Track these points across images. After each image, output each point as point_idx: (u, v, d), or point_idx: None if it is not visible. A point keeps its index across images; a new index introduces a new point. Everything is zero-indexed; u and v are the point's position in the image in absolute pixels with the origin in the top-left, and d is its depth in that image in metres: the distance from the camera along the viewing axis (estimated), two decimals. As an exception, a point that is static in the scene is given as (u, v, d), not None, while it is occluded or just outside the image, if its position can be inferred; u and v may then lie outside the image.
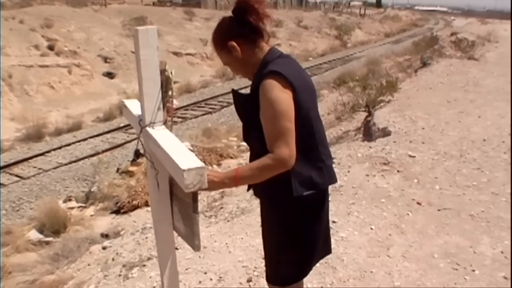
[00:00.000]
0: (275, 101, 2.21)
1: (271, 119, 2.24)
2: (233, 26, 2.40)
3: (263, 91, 2.25)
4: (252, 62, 2.43)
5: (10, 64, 21.99)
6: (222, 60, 2.52)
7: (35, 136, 17.04)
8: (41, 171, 13.55)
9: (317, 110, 2.50)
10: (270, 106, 2.23)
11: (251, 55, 2.42)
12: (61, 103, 21.55)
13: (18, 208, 11.36)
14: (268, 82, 2.25)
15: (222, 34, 2.43)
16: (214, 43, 2.49)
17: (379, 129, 8.44)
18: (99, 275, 5.32)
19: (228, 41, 2.38)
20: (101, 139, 16.43)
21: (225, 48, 2.42)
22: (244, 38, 2.39)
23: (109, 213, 10.23)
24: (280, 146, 2.20)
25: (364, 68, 23.15)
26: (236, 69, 2.54)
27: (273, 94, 2.22)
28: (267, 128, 2.28)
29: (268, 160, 2.22)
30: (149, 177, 2.40)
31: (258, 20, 2.37)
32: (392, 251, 4.45)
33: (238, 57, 2.40)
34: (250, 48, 2.41)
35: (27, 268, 7.62)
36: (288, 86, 2.25)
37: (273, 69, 2.28)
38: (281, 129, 2.21)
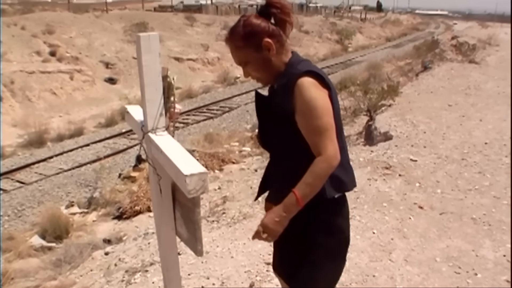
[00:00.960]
0: (316, 97, 2.18)
1: (313, 117, 2.19)
2: (267, 25, 2.34)
3: (302, 89, 2.21)
4: (277, 64, 2.38)
5: (12, 70, 22.06)
6: (241, 58, 2.41)
7: (37, 142, 17.10)
8: (43, 177, 13.57)
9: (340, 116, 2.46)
10: (311, 103, 2.19)
11: (279, 56, 2.37)
12: (63, 109, 21.61)
13: (20, 214, 11.39)
14: (306, 80, 2.21)
15: (255, 30, 2.33)
16: (236, 40, 2.37)
17: (380, 133, 8.45)
18: (101, 280, 5.32)
19: (263, 38, 2.32)
20: (103, 144, 16.47)
21: (254, 45, 2.33)
22: (277, 38, 2.35)
23: (111, 219, 10.23)
24: (327, 145, 2.17)
25: (365, 73, 23.18)
26: (256, 70, 2.43)
27: (314, 91, 2.19)
28: (309, 126, 2.22)
29: (321, 164, 2.17)
30: (151, 183, 2.41)
31: (291, 23, 2.39)
32: (394, 255, 4.45)
33: (268, 56, 2.34)
34: (279, 49, 2.36)
35: (30, 273, 7.63)
36: (324, 85, 2.23)
37: (309, 69, 2.25)
38: (325, 125, 2.18)
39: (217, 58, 32.71)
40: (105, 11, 41.68)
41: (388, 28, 73.05)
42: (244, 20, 2.37)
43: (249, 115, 19.04)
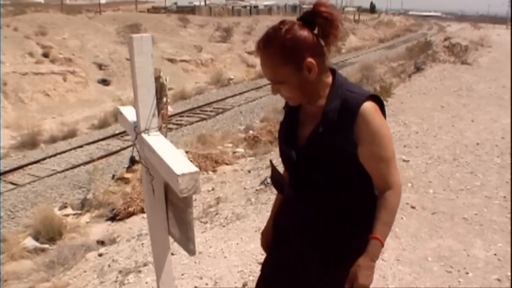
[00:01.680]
0: (383, 125, 1.97)
1: (383, 147, 1.98)
2: (313, 40, 1.97)
3: (369, 117, 1.96)
4: (316, 85, 2.05)
5: (5, 71, 22.05)
6: (276, 76, 2.03)
7: (30, 144, 17.07)
8: (36, 178, 13.56)
9: None
10: (380, 132, 1.96)
11: (320, 77, 2.04)
12: (56, 111, 21.58)
13: (13, 216, 11.38)
14: (372, 105, 1.98)
15: (296, 46, 1.95)
16: (274, 53, 1.98)
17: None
18: (95, 281, 5.32)
19: (306, 57, 1.95)
20: (96, 146, 16.46)
21: (294, 64, 1.96)
22: (321, 57, 2.00)
23: (104, 220, 10.21)
24: (395, 176, 2.01)
25: (358, 74, 23.24)
26: (291, 91, 2.06)
27: (380, 118, 1.98)
28: (377, 158, 1.98)
29: (393, 198, 1.98)
30: (144, 183, 2.42)
31: (337, 38, 2.02)
32: (386, 254, 4.47)
33: (309, 78, 1.99)
34: (322, 69, 2.03)
35: (22, 275, 7.60)
36: (383, 111, 2.04)
37: (369, 93, 2.02)
38: (393, 154, 2.02)
39: (211, 59, 32.74)
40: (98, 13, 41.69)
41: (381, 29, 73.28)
42: (286, 30, 1.97)
43: (243, 116, 19.08)
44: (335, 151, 2.01)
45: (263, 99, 22.30)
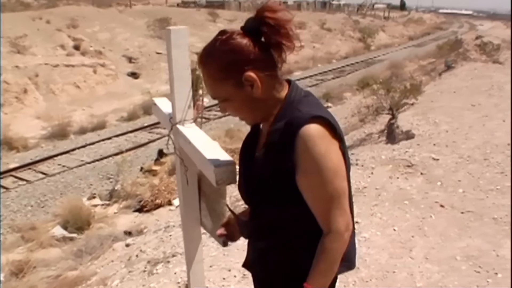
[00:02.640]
0: (327, 154, 1.62)
1: (323, 181, 1.64)
2: (254, 51, 1.69)
3: (308, 143, 1.63)
4: (269, 102, 1.77)
5: (37, 63, 22.31)
6: (217, 93, 1.79)
7: (60, 134, 17.32)
8: (65, 168, 13.77)
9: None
10: (320, 162, 1.62)
11: (270, 94, 1.76)
12: (86, 102, 21.80)
13: (43, 205, 11.55)
14: (314, 129, 1.63)
15: (234, 60, 1.69)
16: (212, 69, 1.74)
17: (402, 132, 8.44)
18: (123, 271, 5.39)
19: (243, 70, 1.68)
20: (125, 138, 16.66)
21: (232, 79, 1.71)
22: (266, 70, 1.71)
23: (132, 211, 10.34)
24: (337, 217, 1.66)
25: (387, 71, 23.09)
26: (237, 110, 1.82)
27: (324, 145, 1.62)
28: (316, 193, 1.68)
29: (332, 243, 1.67)
30: (178, 174, 2.43)
31: (288, 48, 1.71)
32: (414, 252, 4.46)
33: (252, 95, 1.71)
34: (271, 84, 1.74)
35: (51, 263, 7.74)
36: (335, 136, 1.66)
37: (316, 113, 1.65)
38: (336, 191, 1.66)
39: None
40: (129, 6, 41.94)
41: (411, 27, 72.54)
42: (222, 42, 1.72)
43: (270, 112, 19.07)
44: (277, 179, 1.73)
45: (291, 95, 22.21)
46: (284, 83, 1.80)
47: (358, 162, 6.88)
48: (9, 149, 15.93)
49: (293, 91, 1.78)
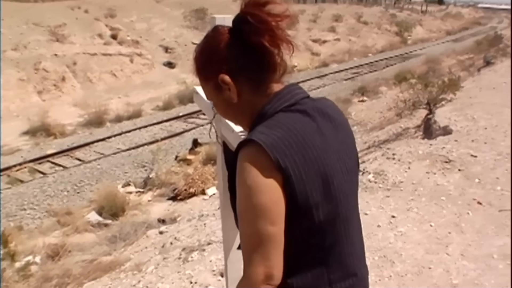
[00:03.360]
0: (251, 189, 1.39)
1: (243, 217, 1.44)
2: (231, 51, 1.53)
3: (238, 169, 1.44)
4: (248, 111, 1.59)
5: (75, 52, 22.62)
6: (205, 94, 1.68)
7: (96, 122, 17.57)
8: (101, 155, 13.96)
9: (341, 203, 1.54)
10: (243, 195, 1.42)
11: (251, 101, 1.57)
12: (122, 91, 22.03)
13: (79, 191, 11.73)
14: (242, 157, 1.43)
15: (211, 59, 1.56)
16: (196, 69, 1.64)
17: (440, 127, 8.34)
18: (157, 257, 5.44)
19: (220, 72, 1.53)
20: (160, 127, 16.78)
21: (211, 81, 1.58)
22: (246, 73, 1.54)
23: (166, 200, 10.45)
24: (253, 263, 1.41)
25: (424, 66, 22.78)
26: (223, 113, 1.70)
27: (249, 178, 1.40)
28: (240, 227, 1.48)
29: (243, 286, 1.45)
30: (218, 162, 2.44)
31: (273, 46, 1.50)
32: (451, 249, 4.42)
33: (230, 100, 1.57)
34: (251, 90, 1.56)
35: (86, 248, 7.87)
36: (273, 167, 1.39)
37: (254, 137, 1.42)
38: (256, 237, 1.41)
39: (275, 46, 32.63)
40: (166, -4, 42.12)
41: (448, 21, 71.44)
42: (204, 39, 1.62)
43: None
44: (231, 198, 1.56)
45: (327, 87, 22.20)
46: (274, 91, 1.57)
47: (395, 156, 6.82)
48: (46, 136, 16.24)
49: (272, 102, 1.54)
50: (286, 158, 1.39)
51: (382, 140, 10.16)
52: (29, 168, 13.08)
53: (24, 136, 16.50)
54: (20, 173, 12.86)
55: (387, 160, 6.75)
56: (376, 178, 6.12)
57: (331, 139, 1.55)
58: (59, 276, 6.43)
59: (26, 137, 16.37)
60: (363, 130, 13.07)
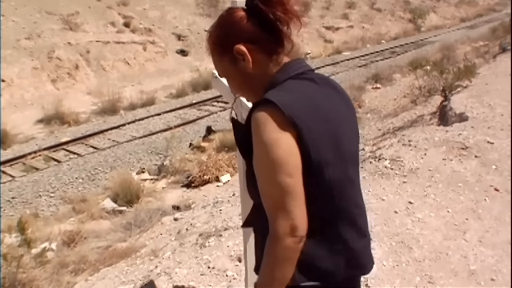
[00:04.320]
0: (267, 145, 1.50)
1: (262, 174, 1.55)
2: (246, 25, 1.66)
3: (253, 130, 1.55)
4: (261, 80, 1.69)
5: (88, 40, 22.66)
6: (219, 70, 1.81)
7: (110, 110, 17.66)
8: (115, 143, 14.05)
9: (348, 165, 1.67)
10: (260, 152, 1.53)
11: (264, 70, 1.69)
12: (135, 79, 22.09)
13: (93, 178, 11.82)
14: (258, 116, 1.53)
15: (227, 34, 1.69)
16: (212, 45, 1.77)
17: (455, 114, 8.28)
18: (174, 243, 5.46)
19: (235, 43, 1.66)
20: (174, 114, 16.84)
21: (227, 54, 1.70)
22: (259, 44, 1.66)
23: (180, 187, 10.49)
24: (277, 219, 1.50)
25: (438, 53, 22.60)
26: (237, 87, 1.81)
27: (265, 134, 1.50)
28: (260, 186, 1.57)
29: (271, 245, 1.53)
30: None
31: (284, 20, 1.63)
32: (469, 235, 4.40)
33: (245, 69, 1.68)
34: (264, 60, 1.68)
35: (101, 234, 7.92)
36: (287, 124, 1.50)
37: (269, 97, 1.55)
38: (277, 190, 1.50)
39: (288, 33, 32.50)
40: (178, -16, 42.04)
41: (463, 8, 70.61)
42: (220, 17, 1.76)
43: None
44: (250, 157, 1.63)
45: (340, 74, 22.10)
46: (285, 62, 1.71)
47: (411, 143, 6.78)
48: (61, 124, 16.34)
49: (282, 71, 1.68)
50: (299, 117, 1.52)
51: (397, 127, 10.11)
52: (44, 156, 13.18)
53: (39, 124, 16.61)
54: (35, 161, 12.97)
55: (403, 147, 6.71)
56: (392, 164, 6.09)
57: (340, 106, 1.72)
58: (75, 263, 6.47)
59: (41, 125, 16.47)
60: (377, 117, 13.02)
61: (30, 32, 21.69)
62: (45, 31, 22.22)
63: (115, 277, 4.88)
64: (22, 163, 12.85)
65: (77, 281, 5.63)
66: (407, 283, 3.71)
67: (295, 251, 1.52)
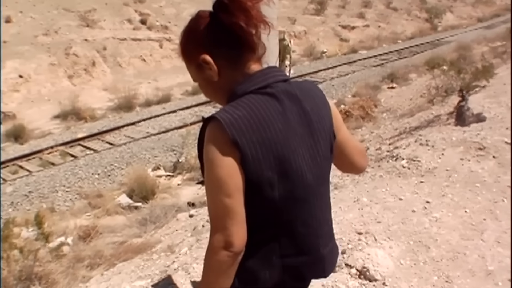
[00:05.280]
0: (211, 163, 1.53)
1: (206, 189, 1.59)
2: (210, 31, 1.63)
3: (204, 145, 1.57)
4: (226, 89, 1.66)
5: (104, 37, 22.85)
6: (191, 75, 1.77)
7: (126, 106, 17.80)
8: (131, 139, 14.16)
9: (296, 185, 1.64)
10: (206, 168, 1.56)
11: (229, 80, 1.65)
12: (151, 76, 22.22)
13: (109, 173, 11.91)
14: (207, 133, 1.57)
15: (193, 41, 1.67)
16: (180, 51, 1.75)
17: (473, 114, 8.24)
18: (190, 239, 5.48)
19: (200, 52, 1.63)
20: (189, 112, 16.91)
21: (193, 62, 1.68)
22: (224, 53, 1.63)
23: (195, 184, 10.50)
24: (215, 232, 1.54)
25: (454, 53, 22.45)
26: (206, 93, 1.79)
27: (209, 152, 1.53)
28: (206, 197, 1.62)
29: (206, 255, 1.58)
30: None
31: (249, 26, 1.58)
32: (486, 235, 4.38)
33: (211, 78, 1.66)
34: (230, 69, 1.64)
35: (116, 230, 7.97)
36: (230, 144, 1.51)
37: (217, 115, 1.54)
38: (215, 207, 1.55)
39: (304, 31, 32.52)
40: (194, -19, 42.16)
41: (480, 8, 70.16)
42: (189, 23, 1.73)
43: (334, 90, 18.97)
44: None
45: (356, 74, 22.05)
46: (252, 71, 1.65)
47: (428, 142, 6.75)
48: (77, 119, 16.50)
49: (244, 83, 1.63)
50: (243, 137, 1.50)
51: (414, 126, 10.06)
52: (61, 151, 13.31)
53: (55, 119, 16.79)
54: (52, 156, 13.10)
55: (420, 146, 6.69)
56: (410, 164, 6.07)
57: (296, 123, 1.63)
58: (90, 257, 6.52)
59: (57, 121, 16.65)
60: (393, 116, 12.96)
61: (47, 28, 21.91)
62: (62, 27, 22.44)
63: (132, 272, 4.91)
64: (39, 158, 12.99)
65: (92, 275, 5.66)
66: (424, 282, 3.71)
67: (229, 265, 1.54)
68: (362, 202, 5.10)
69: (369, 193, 5.37)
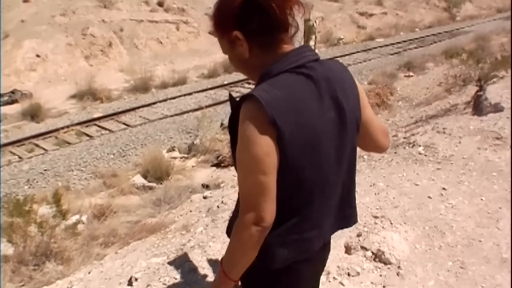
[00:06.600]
0: (247, 141, 1.54)
1: (240, 166, 1.61)
2: (242, 11, 1.61)
3: (239, 121, 1.58)
4: (258, 67, 1.69)
5: (122, 18, 22.86)
6: (221, 47, 1.79)
7: (142, 88, 17.85)
8: (146, 121, 14.23)
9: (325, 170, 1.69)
10: (240, 146, 1.58)
11: (260, 58, 1.67)
12: (168, 58, 22.23)
13: (124, 154, 11.99)
14: (243, 110, 1.57)
15: (227, 16, 1.67)
16: (213, 24, 1.75)
17: (490, 104, 8.18)
18: (205, 219, 5.51)
19: (233, 29, 1.64)
20: (205, 94, 16.94)
21: (226, 37, 1.70)
22: (255, 33, 1.64)
23: (209, 166, 10.54)
24: (246, 208, 1.59)
25: (472, 44, 22.25)
26: (236, 67, 1.81)
27: (247, 130, 1.54)
28: (237, 175, 1.66)
29: (236, 230, 1.63)
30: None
31: (282, 8, 1.59)
32: (502, 223, 4.37)
33: (242, 55, 1.68)
34: (262, 48, 1.66)
35: (131, 209, 8.04)
36: (269, 124, 1.52)
37: (256, 93, 1.54)
38: (249, 184, 1.59)
39: (321, 18, 32.32)
40: (213, -36, 41.94)
41: (500, -2, 69.50)
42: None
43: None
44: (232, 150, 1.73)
45: (373, 61, 21.92)
46: (284, 51, 1.67)
47: (445, 130, 6.74)
48: (93, 100, 16.58)
49: (279, 62, 1.63)
50: (281, 117, 1.52)
51: (430, 115, 10.02)
52: (76, 131, 13.41)
53: (72, 99, 16.89)
54: (68, 135, 13.20)
55: (437, 134, 6.68)
56: (426, 151, 6.07)
57: (329, 106, 1.66)
58: (105, 236, 6.60)
59: (73, 101, 16.75)
60: (409, 105, 12.91)
61: (65, 8, 21.95)
62: (80, 8, 22.46)
63: (147, 250, 4.95)
64: (55, 137, 13.09)
65: (107, 253, 5.72)
66: (439, 267, 3.72)
67: (258, 239, 1.60)
68: (379, 186, 5.11)
69: (385, 178, 5.38)
